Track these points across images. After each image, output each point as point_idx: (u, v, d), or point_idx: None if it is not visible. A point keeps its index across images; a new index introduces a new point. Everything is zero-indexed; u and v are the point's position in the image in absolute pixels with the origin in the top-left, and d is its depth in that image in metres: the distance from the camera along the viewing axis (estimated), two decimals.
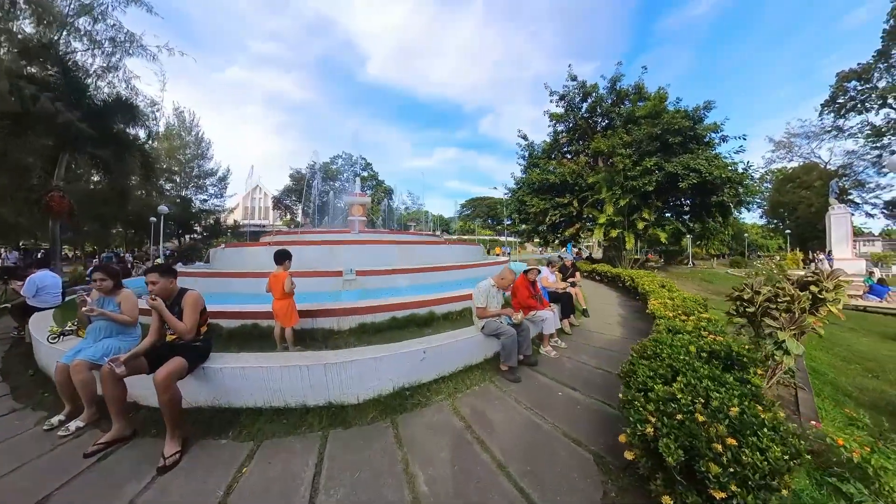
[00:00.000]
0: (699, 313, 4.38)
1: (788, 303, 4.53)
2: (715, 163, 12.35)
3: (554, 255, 7.21)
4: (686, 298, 5.71)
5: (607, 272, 11.77)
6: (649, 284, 7.36)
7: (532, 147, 21.82)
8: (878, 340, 7.92)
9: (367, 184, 55.24)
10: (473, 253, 11.49)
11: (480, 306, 3.85)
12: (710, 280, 16.59)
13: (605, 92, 18.12)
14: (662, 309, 4.64)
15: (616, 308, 8.18)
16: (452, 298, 5.00)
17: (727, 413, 1.67)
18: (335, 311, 4.05)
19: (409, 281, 6.21)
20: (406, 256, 7.43)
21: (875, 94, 24.35)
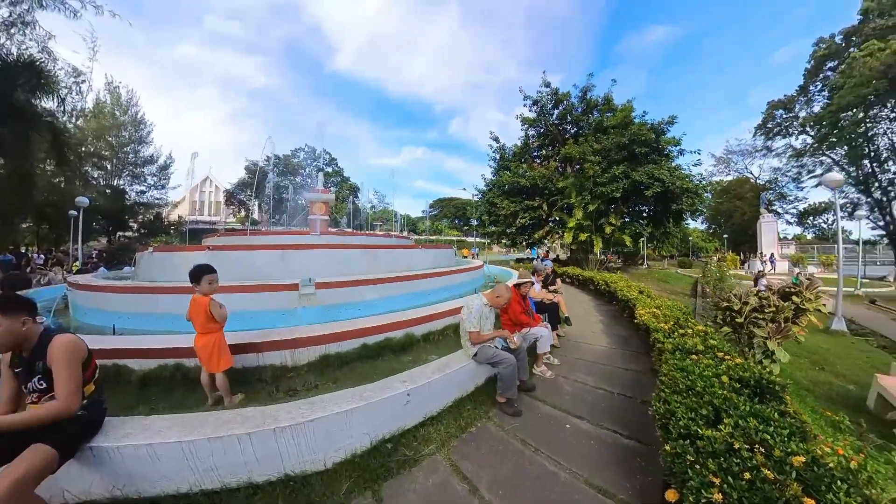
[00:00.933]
0: (693, 325, 4.05)
1: (774, 313, 4.47)
2: (676, 174, 12.86)
3: (539, 263, 6.71)
4: (671, 307, 5.48)
5: (578, 275, 11.66)
6: (628, 291, 7.13)
7: (503, 149, 21.64)
8: (811, 334, 8.69)
9: (331, 180, 52.49)
10: (447, 257, 10.77)
11: (474, 330, 3.16)
12: (666, 280, 17.44)
13: (575, 101, 18.36)
14: (654, 321, 4.31)
15: (594, 313, 7.94)
16: (433, 316, 4.26)
17: (791, 463, 1.42)
18: (289, 341, 3.11)
19: (378, 293, 5.33)
20: (375, 263, 6.51)
21: (797, 122, 27.90)
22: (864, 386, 5.25)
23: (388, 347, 3.55)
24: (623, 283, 8.32)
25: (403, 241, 11.96)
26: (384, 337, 3.59)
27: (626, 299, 6.54)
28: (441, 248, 12.43)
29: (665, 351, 3.06)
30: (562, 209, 16.03)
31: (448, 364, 3.06)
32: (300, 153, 52.22)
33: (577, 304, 9.13)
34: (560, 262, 20.36)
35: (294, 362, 3.07)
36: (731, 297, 4.75)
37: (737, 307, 4.53)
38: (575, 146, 15.45)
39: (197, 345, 2.55)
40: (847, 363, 6.99)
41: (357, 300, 4.90)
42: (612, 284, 8.32)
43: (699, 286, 13.69)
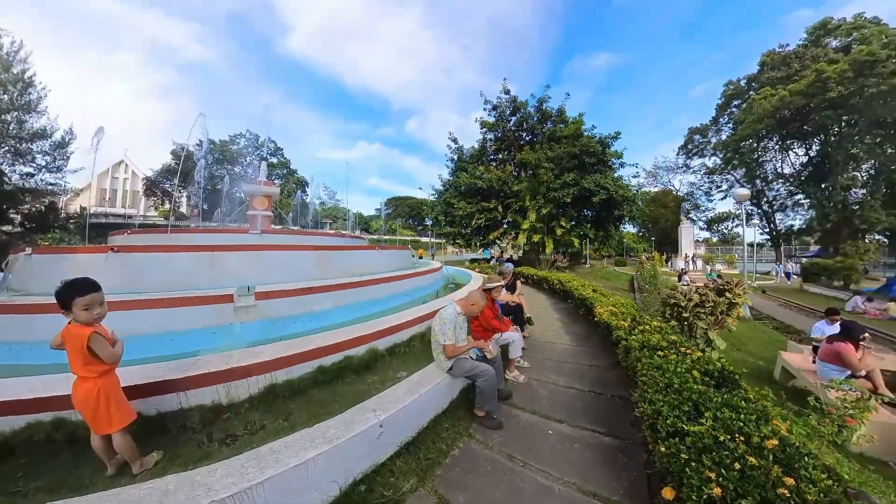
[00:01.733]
0: (648, 321, 4.23)
1: (713, 307, 4.91)
2: (619, 183, 13.95)
3: (505, 265, 6.59)
4: (625, 304, 5.73)
5: (533, 275, 11.95)
6: (583, 290, 7.35)
7: (461, 151, 21.64)
8: None
9: (276, 172, 48.38)
10: (404, 258, 10.29)
11: (449, 343, 2.85)
12: (607, 277, 18.85)
13: (532, 110, 19.02)
14: (615, 319, 4.46)
15: (552, 312, 8.11)
16: (398, 327, 3.83)
17: (767, 447, 1.56)
18: (222, 373, 2.42)
19: (333, 301, 4.73)
20: (327, 266, 5.84)
21: (709, 146, 33.55)
22: (770, 361, 6.25)
23: (350, 367, 3.04)
24: (576, 282, 8.62)
25: (358, 242, 11.20)
26: (343, 356, 3.07)
27: (583, 298, 6.73)
28: (397, 248, 11.90)
29: (633, 349, 3.13)
30: (516, 212, 16.45)
31: (421, 382, 2.69)
32: (240, 139, 47.09)
33: (534, 303, 9.27)
34: (513, 263, 21.00)
35: (231, 398, 2.42)
36: (678, 294, 5.10)
37: (683, 303, 4.87)
38: (531, 152, 15.97)
39: (75, 396, 1.71)
40: (755, 343, 8.10)
41: (307, 311, 4.26)
42: (566, 284, 8.57)
43: (635, 282, 14.98)
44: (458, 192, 19.98)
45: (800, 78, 23.52)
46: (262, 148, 47.53)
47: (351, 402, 2.41)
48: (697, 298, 4.90)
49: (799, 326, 10.38)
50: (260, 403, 2.53)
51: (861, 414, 3.10)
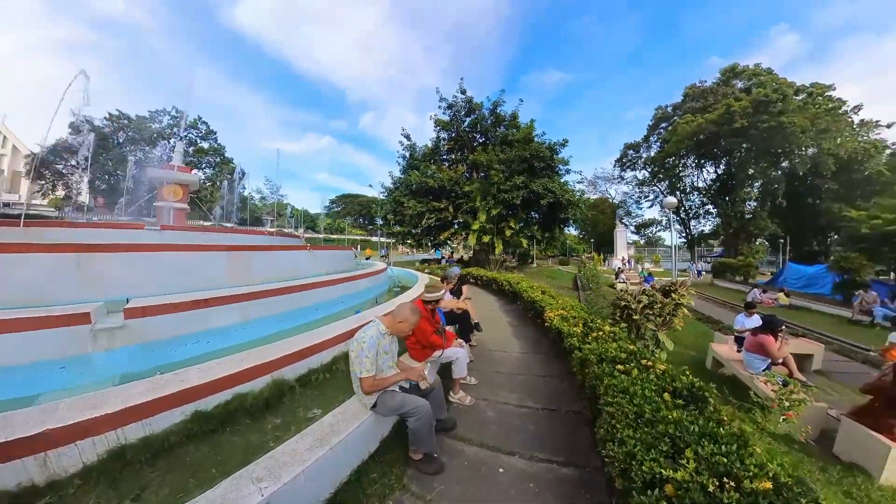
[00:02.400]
0: (600, 326, 4.13)
1: (661, 308, 5.03)
2: (565, 188, 14.54)
3: (452, 269, 6.19)
4: (575, 307, 5.69)
5: (482, 276, 11.84)
6: (532, 292, 7.27)
7: (414, 148, 21.02)
8: None
9: (206, 158, 43.07)
10: (345, 260, 9.46)
11: (368, 375, 2.25)
12: (553, 276, 19.67)
13: (486, 112, 19.08)
14: (566, 325, 4.30)
15: (501, 315, 7.94)
16: (316, 347, 3.19)
17: (760, 492, 1.32)
18: (38, 439, 1.62)
19: (240, 315, 3.89)
20: (244, 270, 4.94)
21: (640, 161, 37.70)
22: (702, 351, 6.75)
23: (243, 408, 2.33)
24: (525, 283, 8.58)
25: (290, 242, 10.08)
26: (234, 393, 2.36)
27: (532, 301, 6.61)
28: (339, 249, 11.01)
29: (590, 362, 2.84)
30: (467, 212, 16.35)
31: (336, 427, 2.13)
32: (163, 117, 40.80)
33: (484, 305, 9.08)
34: (463, 263, 20.93)
35: (53, 473, 1.63)
36: (628, 296, 5.15)
37: (633, 305, 4.90)
38: (483, 153, 15.96)
39: None
40: (688, 336, 8.76)
41: (202, 330, 3.41)
42: (515, 285, 8.49)
43: (578, 281, 15.73)
44: (408, 190, 19.35)
45: (713, 109, 27.47)
46: (190, 129, 41.85)
47: (237, 463, 1.80)
48: (646, 300, 4.98)
49: (717, 317, 11.59)
50: (101, 476, 1.77)
51: (798, 407, 3.30)
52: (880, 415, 3.29)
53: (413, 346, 3.44)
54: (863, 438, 3.28)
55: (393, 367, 2.53)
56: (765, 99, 24.20)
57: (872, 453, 3.15)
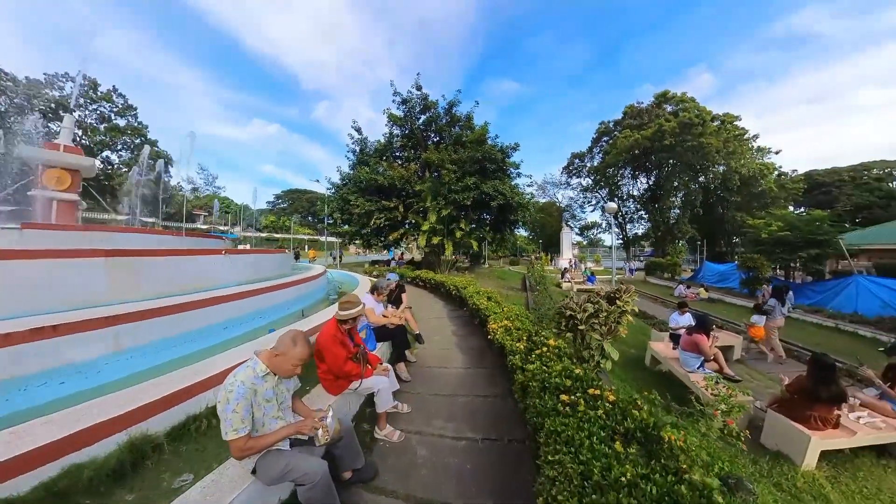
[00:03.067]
0: (545, 340, 3.81)
1: (605, 317, 4.87)
2: (515, 191, 14.59)
3: (386, 277, 5.56)
4: (520, 316, 5.38)
5: (430, 279, 11.32)
6: (478, 298, 6.89)
7: (365, 143, 19.82)
8: None
9: (123, 139, 37.03)
10: (273, 265, 8.35)
11: (237, 437, 1.59)
12: (503, 277, 19.87)
13: (442, 111, 18.52)
14: (509, 339, 3.93)
15: (447, 323, 7.48)
16: (196, 387, 2.39)
17: None
18: None
19: (114, 342, 2.94)
20: (129, 282, 3.86)
21: (585, 169, 40.97)
22: (640, 349, 6.95)
23: (77, 485, 1.52)
24: (472, 288, 8.21)
25: (205, 245, 8.69)
26: (64, 466, 1.54)
27: (477, 308, 6.23)
28: (268, 251, 9.79)
29: (532, 391, 2.44)
30: (417, 212, 15.75)
31: (207, 501, 1.43)
32: (65, 82, 34.07)
33: (429, 311, 8.57)
34: (414, 265, 20.30)
35: None
36: (573, 305, 4.92)
37: (578, 315, 4.67)
38: (435, 152, 15.46)
39: None
40: (628, 334, 9.07)
41: (52, 366, 2.43)
42: (462, 290, 8.08)
43: (527, 281, 15.97)
44: (357, 187, 18.22)
45: (648, 127, 30.85)
46: (102, 103, 35.43)
47: None
48: (591, 309, 4.78)
49: (651, 312, 12.34)
50: None
51: (736, 413, 3.33)
52: (798, 406, 3.49)
53: (325, 376, 2.76)
54: (785, 429, 3.51)
55: (282, 417, 1.84)
56: (689, 122, 27.45)
57: (795, 442, 3.38)
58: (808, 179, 40.24)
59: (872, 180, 45.15)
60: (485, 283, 16.08)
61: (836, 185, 45.22)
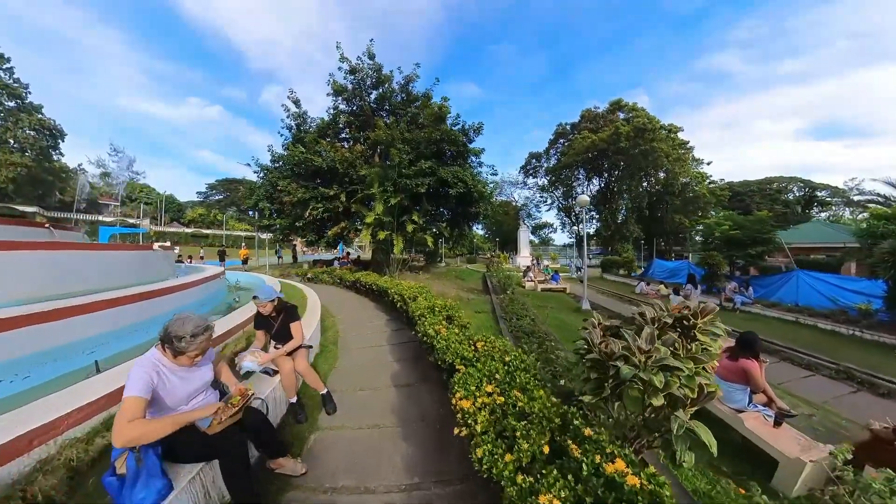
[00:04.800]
0: (525, 402, 1.35)
1: (686, 362, 2.70)
2: (477, 179, 12.19)
3: (258, 295, 2.67)
4: (496, 348, 2.93)
5: (372, 284, 8.52)
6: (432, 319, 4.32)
7: (304, 118, 16.05)
8: (567, 313, 9.99)
9: None
10: (143, 265, 5.17)
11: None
12: (462, 277, 17.63)
13: (397, 87, 15.37)
14: (468, 397, 1.40)
15: (386, 353, 4.88)
16: None
17: None
18: None
19: None
20: None
21: (541, 170, 40.40)
22: None
23: None
24: (423, 300, 5.63)
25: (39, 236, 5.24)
26: None
27: (432, 344, 3.65)
28: (128, 249, 6.47)
29: None
30: (362, 202, 12.75)
31: None
32: None
33: (364, 333, 5.85)
34: (361, 265, 17.21)
35: None
36: (614, 345, 2.45)
37: (637, 358, 2.16)
38: (384, 129, 12.49)
39: None
40: None
41: None
42: (410, 304, 5.47)
43: (488, 281, 13.82)
44: (290, 171, 14.68)
45: (603, 131, 30.80)
46: None
47: None
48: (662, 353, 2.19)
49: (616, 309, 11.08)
50: None
51: None
52: None
53: None
54: None
55: None
56: (643, 127, 27.79)
57: None
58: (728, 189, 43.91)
59: (775, 192, 51.46)
60: (442, 285, 13.61)
61: (748, 194, 50.75)
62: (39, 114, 30.81)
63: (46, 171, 30.99)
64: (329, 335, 5.83)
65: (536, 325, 6.79)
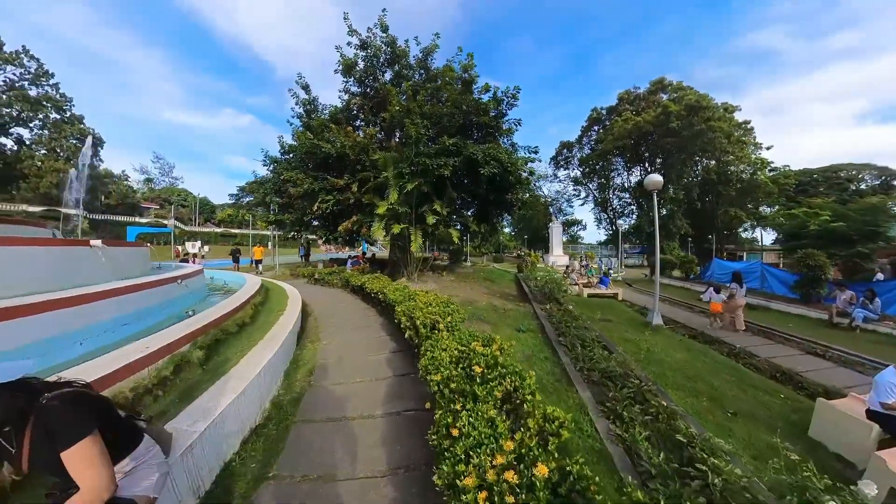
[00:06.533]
0: None
1: None
2: (513, 158, 9.44)
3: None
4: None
5: (379, 292, 6.17)
6: (459, 381, 1.88)
7: (314, 105, 14.07)
8: (637, 331, 7.42)
9: (26, 112, 29.02)
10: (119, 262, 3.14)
11: None
12: (491, 279, 15.01)
13: (414, 62, 12.83)
14: None
15: (378, 413, 2.40)
16: None
17: None
18: None
19: None
20: None
21: (574, 160, 35.54)
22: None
23: None
24: (448, 341, 3.16)
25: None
26: None
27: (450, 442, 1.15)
28: (35, 244, 4.51)
29: None
30: (375, 190, 10.53)
31: None
32: None
33: (360, 373, 3.50)
34: (378, 264, 15.07)
35: None
36: None
37: None
38: (399, 101, 10.10)
39: None
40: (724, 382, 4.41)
41: None
42: (424, 345, 3.04)
43: (524, 285, 11.17)
44: (298, 161, 12.80)
45: (647, 112, 26.57)
46: (6, 66, 27.29)
47: None
48: None
49: (696, 325, 8.29)
50: None
51: None
52: None
53: None
54: None
55: None
56: (696, 104, 23.67)
57: None
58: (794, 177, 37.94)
59: (843, 181, 44.36)
60: (470, 289, 10.94)
61: (810, 184, 44.11)
62: (81, 124, 31.83)
63: (88, 177, 31.86)
64: (296, 378, 3.56)
65: (626, 363, 4.14)
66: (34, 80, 29.79)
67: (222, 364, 3.18)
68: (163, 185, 52.47)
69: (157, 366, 2.81)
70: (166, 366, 2.83)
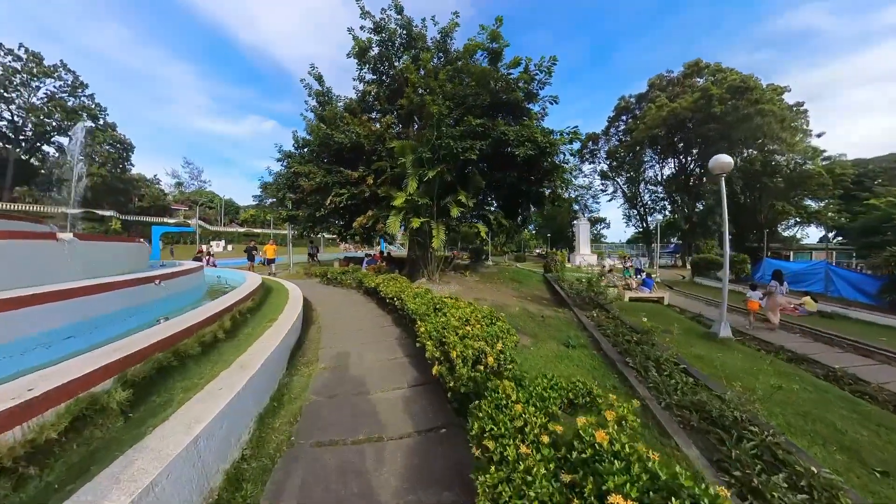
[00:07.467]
0: None
1: None
2: (551, 139, 7.92)
3: None
4: None
5: (395, 297, 4.97)
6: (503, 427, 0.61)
7: (329, 96, 13.12)
8: (701, 344, 5.96)
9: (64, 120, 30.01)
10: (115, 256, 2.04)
11: None
12: (518, 279, 13.54)
13: (431, 45, 11.56)
14: None
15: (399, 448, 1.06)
16: None
17: None
18: None
19: None
20: None
21: (599, 153, 33.84)
22: None
23: None
24: (512, 391, 1.89)
25: None
26: None
27: None
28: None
29: None
30: (392, 182, 9.39)
31: None
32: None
33: (364, 419, 2.19)
34: (394, 262, 13.97)
35: None
36: None
37: None
38: (418, 77, 8.86)
39: None
40: None
41: None
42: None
43: (556, 287, 9.70)
44: (311, 154, 11.93)
45: (683, 98, 24.06)
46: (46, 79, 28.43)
47: None
48: None
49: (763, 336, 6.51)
50: None
51: None
52: None
53: None
54: None
55: None
56: (742, 86, 20.94)
57: None
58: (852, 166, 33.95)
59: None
60: (498, 292, 9.45)
61: (867, 175, 39.46)
62: (114, 130, 33.02)
63: (120, 181, 32.88)
64: (273, 427, 2.37)
65: (739, 401, 2.70)
66: (72, 92, 30.99)
67: (161, 408, 2.06)
68: (192, 189, 54.12)
69: (40, 420, 1.70)
70: (53, 421, 1.72)
